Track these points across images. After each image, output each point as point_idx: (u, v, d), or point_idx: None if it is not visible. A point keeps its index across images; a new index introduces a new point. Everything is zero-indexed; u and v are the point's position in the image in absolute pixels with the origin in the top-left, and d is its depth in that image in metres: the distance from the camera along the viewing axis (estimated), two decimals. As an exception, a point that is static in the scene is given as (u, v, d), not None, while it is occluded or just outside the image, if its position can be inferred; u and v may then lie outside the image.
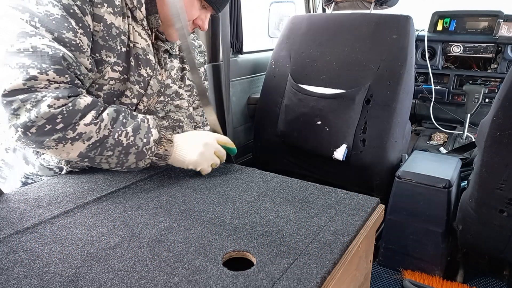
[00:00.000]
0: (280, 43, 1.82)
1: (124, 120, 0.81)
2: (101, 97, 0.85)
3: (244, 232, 0.65)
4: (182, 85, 1.05)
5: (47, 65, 0.71)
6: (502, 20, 2.04)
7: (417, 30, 2.09)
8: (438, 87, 2.20)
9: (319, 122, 1.64)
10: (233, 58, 1.91)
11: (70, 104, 0.72)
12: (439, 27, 2.24)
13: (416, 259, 1.45)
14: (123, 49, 0.86)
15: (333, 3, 1.83)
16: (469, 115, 2.01)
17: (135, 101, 0.91)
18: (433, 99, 2.20)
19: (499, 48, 2.06)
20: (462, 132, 2.06)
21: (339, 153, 1.58)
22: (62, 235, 0.64)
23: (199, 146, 0.87)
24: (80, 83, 0.78)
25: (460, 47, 2.14)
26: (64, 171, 0.89)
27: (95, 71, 0.82)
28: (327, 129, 1.62)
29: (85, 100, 0.75)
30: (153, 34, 0.93)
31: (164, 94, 0.98)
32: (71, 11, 0.75)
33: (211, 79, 1.77)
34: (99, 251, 0.60)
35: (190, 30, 0.96)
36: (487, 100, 2.10)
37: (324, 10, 2.42)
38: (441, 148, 1.97)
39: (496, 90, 2.06)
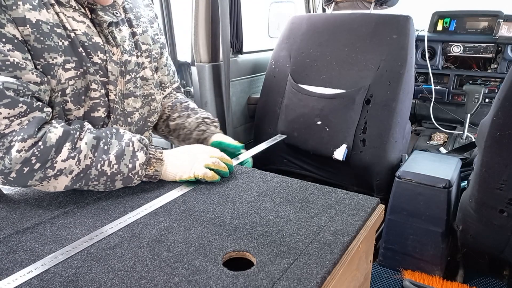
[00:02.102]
0: (280, 43, 1.82)
1: (106, 147, 0.76)
2: (69, 102, 0.79)
3: (244, 232, 0.65)
4: (139, 53, 0.94)
5: None
6: (502, 20, 2.04)
7: (417, 30, 2.09)
8: (438, 87, 2.21)
9: (319, 122, 1.64)
10: (233, 58, 1.91)
11: (40, 143, 0.69)
12: (439, 27, 2.25)
13: (416, 259, 1.45)
14: (66, 43, 0.77)
15: (333, 3, 1.83)
16: (469, 115, 2.02)
17: (104, 91, 0.84)
18: (433, 99, 2.20)
19: (499, 48, 2.06)
20: (462, 132, 2.06)
21: (339, 153, 1.58)
22: (62, 235, 0.64)
23: (190, 160, 0.85)
24: (40, 102, 0.72)
25: (460, 47, 2.14)
26: None
27: (45, 82, 0.74)
28: (327, 129, 1.62)
29: (55, 133, 0.71)
30: (87, 9, 0.82)
31: (127, 72, 0.89)
32: None
33: (211, 79, 1.77)
34: (99, 251, 0.60)
35: None
36: (487, 100, 2.11)
37: (324, 10, 2.42)
38: (441, 148, 1.97)
39: (496, 90, 2.06)
